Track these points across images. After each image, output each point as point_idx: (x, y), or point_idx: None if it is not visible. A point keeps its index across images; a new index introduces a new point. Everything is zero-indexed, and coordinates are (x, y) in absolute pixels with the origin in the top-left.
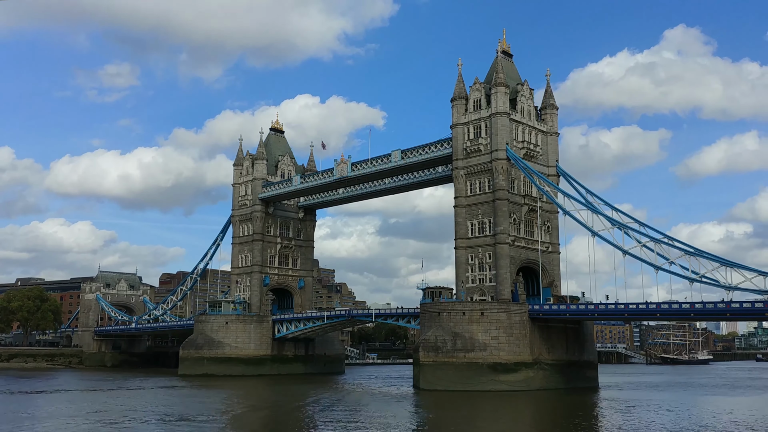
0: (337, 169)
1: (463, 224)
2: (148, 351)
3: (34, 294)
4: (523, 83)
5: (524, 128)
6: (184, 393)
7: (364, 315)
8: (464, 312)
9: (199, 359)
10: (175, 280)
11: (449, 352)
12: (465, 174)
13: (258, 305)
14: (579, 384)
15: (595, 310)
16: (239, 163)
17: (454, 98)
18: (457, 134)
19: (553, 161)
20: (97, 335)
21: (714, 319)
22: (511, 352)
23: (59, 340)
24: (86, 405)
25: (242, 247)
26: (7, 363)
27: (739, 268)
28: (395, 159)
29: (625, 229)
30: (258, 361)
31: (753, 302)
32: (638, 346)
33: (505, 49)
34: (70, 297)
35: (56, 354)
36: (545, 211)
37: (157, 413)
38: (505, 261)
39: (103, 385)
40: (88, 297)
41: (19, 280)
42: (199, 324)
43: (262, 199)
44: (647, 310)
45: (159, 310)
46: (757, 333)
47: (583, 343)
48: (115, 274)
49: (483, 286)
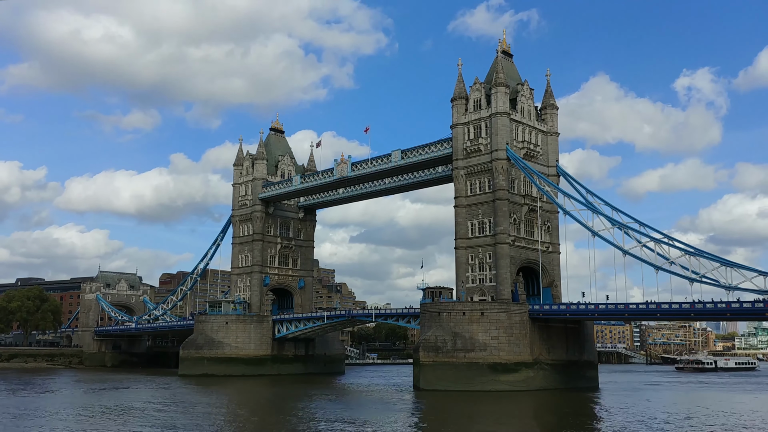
0: (337, 169)
1: (463, 224)
2: (148, 351)
3: (34, 294)
4: (523, 83)
5: (524, 128)
6: (184, 393)
7: (364, 315)
8: (464, 312)
9: (199, 359)
10: (175, 280)
11: (449, 352)
12: (465, 174)
13: (258, 305)
14: (579, 384)
15: (595, 310)
16: (239, 163)
17: (454, 98)
18: (457, 134)
19: (553, 161)
20: (97, 335)
21: (714, 319)
22: (511, 352)
23: (59, 340)
24: (86, 405)
25: (242, 247)
26: (7, 363)
27: (739, 268)
28: (395, 159)
29: (625, 229)
30: (258, 361)
31: (753, 302)
32: (638, 346)
33: (505, 49)
34: (70, 297)
35: (56, 354)
36: (545, 211)
37: (158, 413)
38: (505, 261)
39: (103, 386)
40: (88, 297)
41: (19, 280)
42: (199, 324)
43: (262, 199)
44: (647, 310)
45: (159, 310)
46: (757, 333)
47: (583, 343)
48: (115, 274)
49: (483, 286)
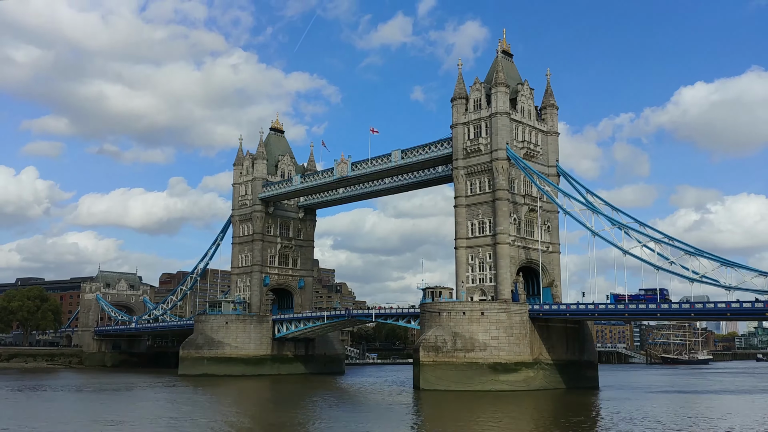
0: (337, 168)
1: (463, 224)
2: (148, 351)
3: (34, 294)
4: (523, 83)
5: (524, 128)
6: (184, 393)
7: (364, 315)
8: (464, 312)
9: (199, 359)
10: (175, 280)
11: (449, 352)
12: (465, 174)
13: (258, 305)
14: (579, 384)
15: (595, 310)
16: (239, 162)
17: (454, 98)
18: (457, 134)
19: (553, 161)
20: (97, 335)
21: (714, 319)
22: (511, 352)
23: (59, 340)
24: (87, 405)
25: (242, 247)
26: (7, 363)
27: (739, 268)
28: (395, 159)
29: (625, 229)
30: (258, 361)
31: (753, 302)
32: (638, 346)
33: (505, 49)
34: (70, 297)
35: (56, 354)
36: (545, 211)
37: (158, 413)
38: (505, 261)
39: (102, 386)
40: (88, 297)
41: (19, 280)
42: (199, 324)
43: (262, 199)
44: (647, 310)
45: (159, 310)
46: (757, 333)
47: (583, 343)
48: (115, 273)
49: (483, 286)
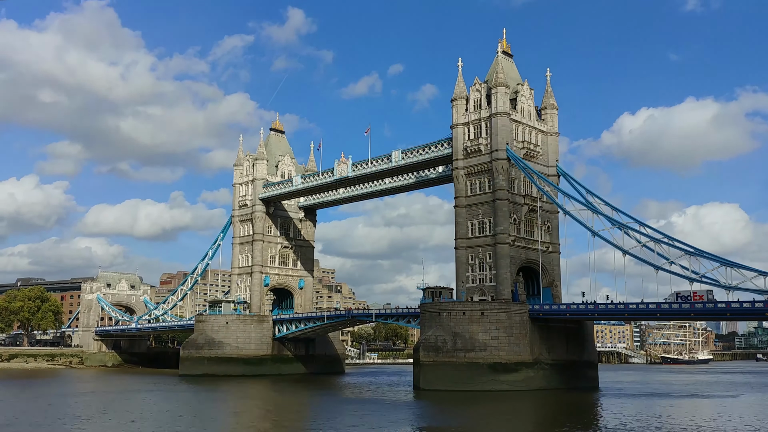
0: (338, 169)
1: (463, 224)
2: (149, 351)
3: (35, 294)
4: (523, 83)
5: (524, 128)
6: (185, 393)
7: (364, 315)
8: (464, 312)
9: (200, 359)
10: (175, 280)
11: (449, 352)
12: (465, 174)
13: (258, 305)
14: (579, 384)
15: (595, 310)
16: (239, 163)
17: (455, 98)
18: (457, 134)
19: (553, 161)
20: (97, 335)
21: (714, 319)
22: (511, 352)
23: (60, 340)
24: (86, 405)
25: (242, 247)
26: (8, 363)
27: (739, 268)
28: (395, 159)
29: (625, 229)
30: (258, 361)
31: (753, 302)
32: (638, 346)
33: (505, 49)
34: (70, 297)
35: (57, 354)
36: (545, 211)
37: (158, 413)
38: (505, 261)
39: (103, 386)
40: (88, 297)
41: (19, 281)
42: (200, 324)
43: (263, 199)
44: (647, 310)
45: (159, 310)
46: (757, 333)
47: (583, 343)
48: (116, 274)
49: (483, 286)
